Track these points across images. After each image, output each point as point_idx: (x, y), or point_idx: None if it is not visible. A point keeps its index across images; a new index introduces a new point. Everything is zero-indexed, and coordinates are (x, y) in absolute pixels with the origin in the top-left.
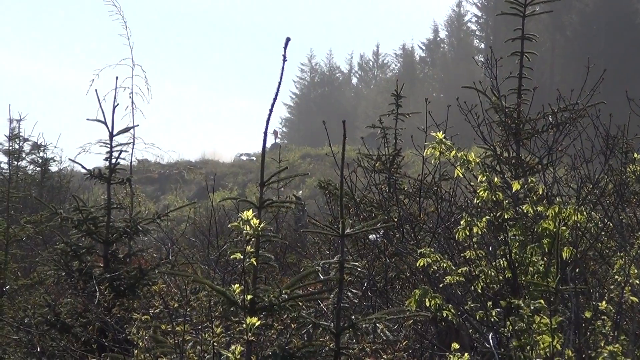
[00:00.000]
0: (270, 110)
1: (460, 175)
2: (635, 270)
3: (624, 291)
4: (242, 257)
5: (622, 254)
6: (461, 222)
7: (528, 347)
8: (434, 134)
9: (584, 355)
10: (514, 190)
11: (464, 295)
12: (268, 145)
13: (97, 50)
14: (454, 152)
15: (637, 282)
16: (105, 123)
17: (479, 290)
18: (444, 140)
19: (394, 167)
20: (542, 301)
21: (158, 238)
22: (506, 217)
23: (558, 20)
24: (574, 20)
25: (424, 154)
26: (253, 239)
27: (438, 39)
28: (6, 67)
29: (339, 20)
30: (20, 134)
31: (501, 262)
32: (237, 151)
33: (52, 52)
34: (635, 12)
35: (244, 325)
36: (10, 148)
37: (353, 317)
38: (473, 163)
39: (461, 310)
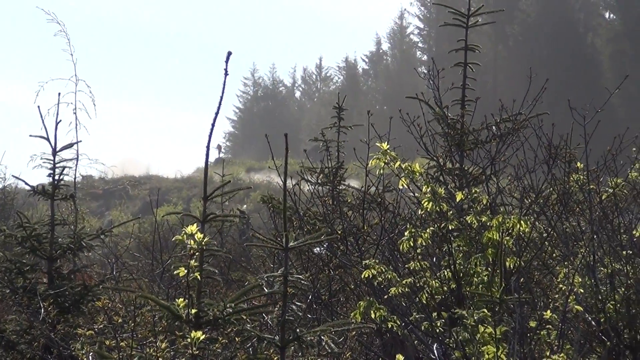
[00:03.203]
0: (213, 125)
1: (405, 186)
2: (579, 279)
3: (568, 300)
4: (186, 271)
5: (566, 263)
6: (405, 234)
7: (473, 358)
8: (378, 145)
9: None
10: (457, 200)
11: (408, 307)
12: (212, 159)
13: (40, 66)
14: (398, 163)
15: (581, 291)
16: (48, 139)
17: (424, 302)
18: (388, 151)
19: (337, 179)
20: (485, 310)
21: (102, 254)
22: (450, 227)
23: (500, 30)
24: (516, 30)
25: (368, 165)
26: (197, 253)
27: (381, 51)
28: None
29: (281, 34)
30: None
31: (445, 273)
32: (179, 168)
33: None
34: (578, 21)
35: (189, 340)
36: None
37: (298, 330)
38: (418, 174)
39: (406, 321)
